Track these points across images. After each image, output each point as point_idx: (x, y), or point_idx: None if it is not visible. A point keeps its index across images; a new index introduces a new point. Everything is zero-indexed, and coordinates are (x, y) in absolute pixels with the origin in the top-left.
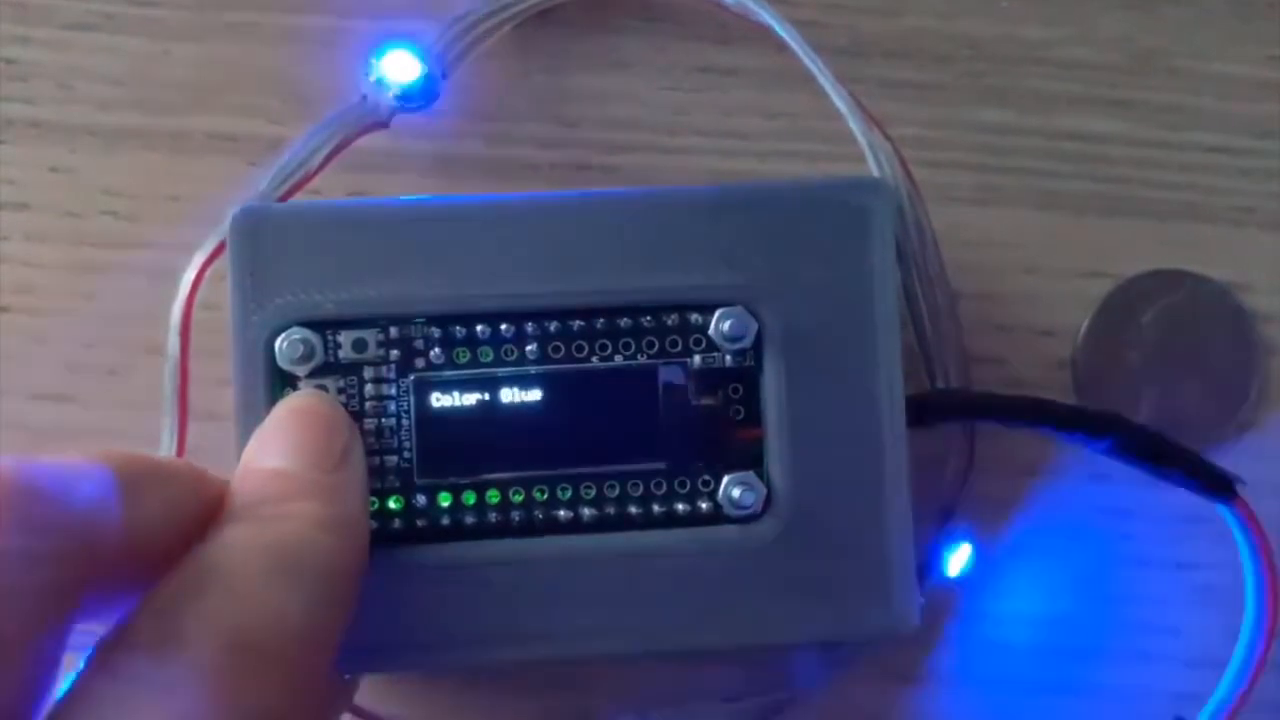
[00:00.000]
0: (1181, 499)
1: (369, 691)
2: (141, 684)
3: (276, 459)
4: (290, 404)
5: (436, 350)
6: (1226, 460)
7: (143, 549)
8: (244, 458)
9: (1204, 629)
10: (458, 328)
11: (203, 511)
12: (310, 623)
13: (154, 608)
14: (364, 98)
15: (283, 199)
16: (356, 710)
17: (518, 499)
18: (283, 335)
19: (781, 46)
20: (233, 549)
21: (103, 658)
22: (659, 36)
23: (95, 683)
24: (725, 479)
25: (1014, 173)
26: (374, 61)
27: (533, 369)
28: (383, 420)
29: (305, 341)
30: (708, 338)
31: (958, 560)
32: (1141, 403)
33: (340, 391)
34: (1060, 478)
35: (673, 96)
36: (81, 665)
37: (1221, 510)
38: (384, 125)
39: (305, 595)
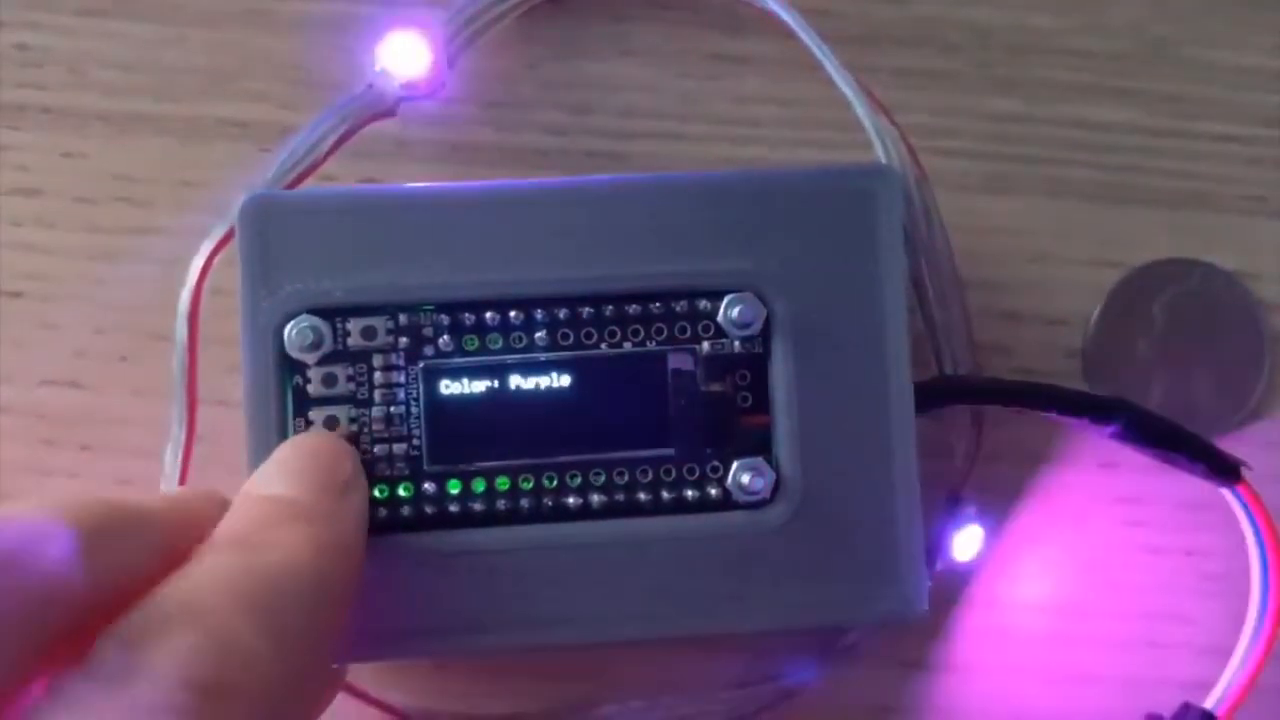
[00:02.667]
0: (1190, 486)
1: (378, 678)
2: (102, 691)
3: (277, 487)
4: (295, 439)
5: (446, 338)
6: (1236, 448)
7: (111, 601)
8: (244, 487)
9: (1213, 616)
10: (467, 315)
11: (179, 555)
12: (283, 663)
13: (118, 638)
14: (370, 86)
15: (289, 187)
16: (365, 698)
17: (527, 486)
18: (292, 323)
19: (792, 34)
20: (207, 580)
21: (60, 687)
22: (669, 24)
23: (49, 713)
24: (734, 465)
25: (1024, 161)
26: (379, 50)
27: (542, 356)
28: (392, 408)
29: (314, 329)
30: (716, 324)
31: (966, 545)
32: (1151, 391)
33: (349, 379)
34: (1069, 465)
35: (683, 84)
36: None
37: (1227, 494)
38: (390, 114)
39: (280, 632)
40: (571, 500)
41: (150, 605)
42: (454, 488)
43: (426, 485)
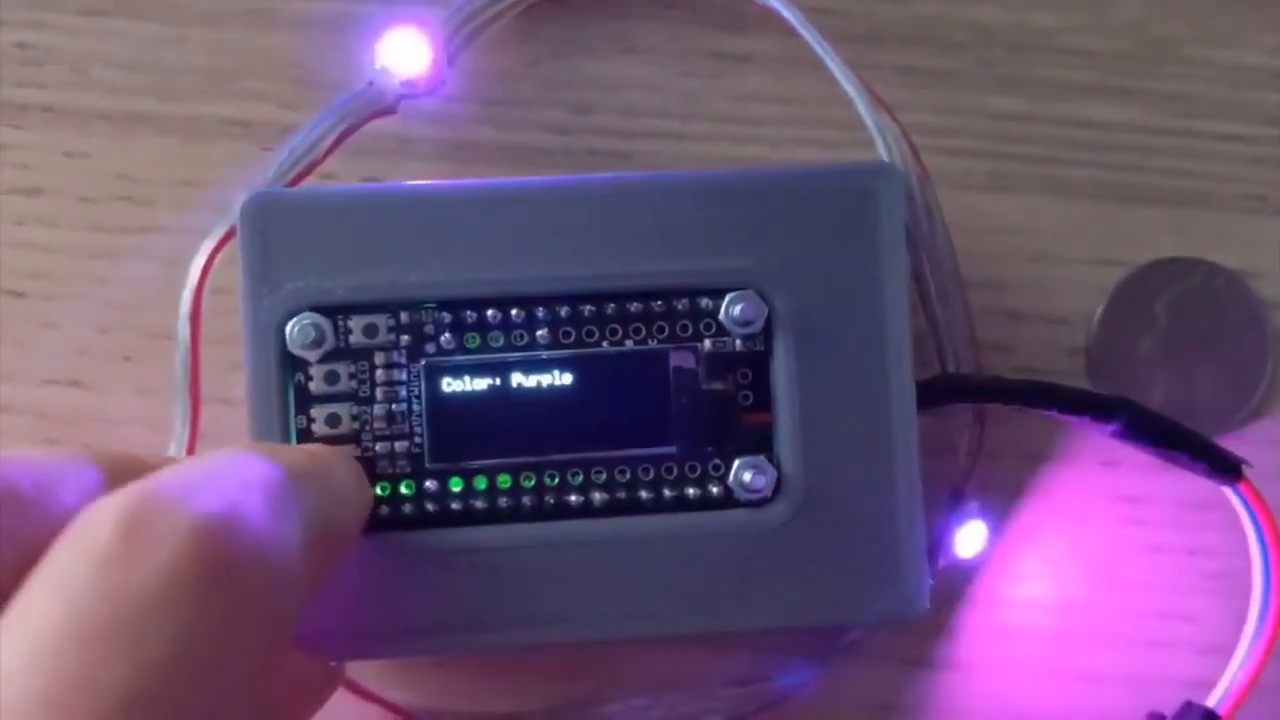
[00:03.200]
0: (1192, 485)
1: (381, 676)
2: (93, 571)
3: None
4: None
5: (447, 335)
6: (1237, 446)
7: None
8: None
9: (1215, 614)
10: (468, 313)
11: None
12: (302, 563)
13: (134, 496)
14: (370, 84)
15: (290, 185)
16: (368, 696)
17: (529, 484)
18: (294, 320)
19: (794, 33)
20: (226, 459)
21: (46, 560)
22: (671, 22)
23: (27, 594)
24: (736, 463)
25: (1026, 160)
26: (379, 48)
27: (543, 354)
28: (394, 406)
29: (316, 326)
30: (718, 322)
31: (968, 543)
32: (1154, 390)
33: (351, 377)
34: (1070, 463)
35: (685, 83)
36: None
37: (1228, 492)
38: (391, 112)
39: (305, 526)
40: (573, 498)
41: (182, 467)
42: (456, 485)
43: (428, 483)
